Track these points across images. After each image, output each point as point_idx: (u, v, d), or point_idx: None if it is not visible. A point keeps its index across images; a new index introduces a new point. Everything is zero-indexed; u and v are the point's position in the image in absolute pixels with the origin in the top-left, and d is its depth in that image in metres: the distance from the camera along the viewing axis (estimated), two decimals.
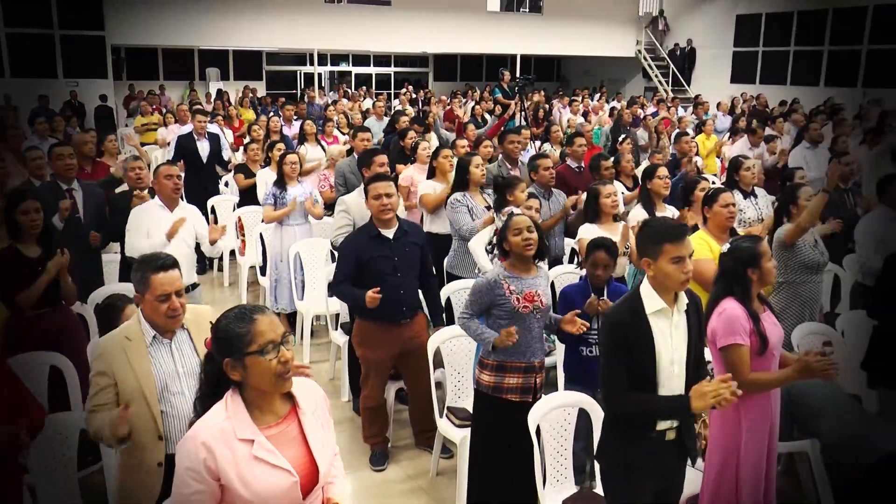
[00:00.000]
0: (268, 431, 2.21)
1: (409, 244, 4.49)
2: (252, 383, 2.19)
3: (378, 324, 4.40)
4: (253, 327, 2.16)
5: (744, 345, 3.13)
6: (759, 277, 3.25)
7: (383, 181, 4.47)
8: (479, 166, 5.53)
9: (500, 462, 3.66)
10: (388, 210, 4.39)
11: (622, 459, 2.91)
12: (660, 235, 2.80)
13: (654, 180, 5.40)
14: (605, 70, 25.26)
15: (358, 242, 4.45)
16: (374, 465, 4.58)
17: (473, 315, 3.73)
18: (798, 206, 4.76)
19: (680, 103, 17.13)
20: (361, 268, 4.36)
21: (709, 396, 2.65)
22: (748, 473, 3.20)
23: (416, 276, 4.55)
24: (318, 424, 2.33)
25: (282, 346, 2.18)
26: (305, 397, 2.33)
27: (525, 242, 3.63)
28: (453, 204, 5.36)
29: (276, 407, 2.26)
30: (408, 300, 4.46)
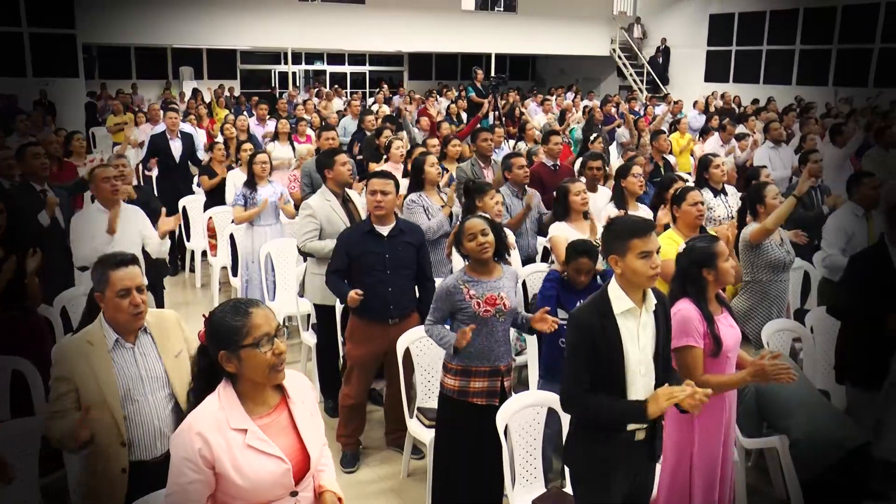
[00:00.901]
0: (260, 421, 2.27)
1: (404, 244, 4.45)
2: (246, 375, 2.25)
3: (365, 321, 4.38)
4: (248, 320, 2.22)
5: (696, 347, 3.11)
6: (716, 278, 3.22)
7: (381, 178, 4.44)
8: (434, 165, 5.49)
9: (466, 464, 3.64)
10: (381, 207, 4.36)
11: (590, 459, 2.89)
12: (626, 231, 2.78)
13: (629, 178, 5.40)
14: (580, 69, 25.35)
15: (352, 236, 4.45)
16: (344, 467, 4.54)
17: (437, 321, 3.71)
18: (765, 205, 4.77)
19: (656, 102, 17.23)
20: (352, 262, 4.36)
21: (662, 400, 2.65)
22: (701, 475, 3.20)
23: (410, 276, 4.50)
24: (308, 414, 2.39)
25: (276, 338, 2.25)
26: (295, 388, 2.39)
27: (480, 247, 3.60)
28: (409, 205, 5.31)
29: (268, 397, 2.33)
30: (396, 299, 4.41)
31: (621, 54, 23.24)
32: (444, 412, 3.75)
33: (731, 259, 3.35)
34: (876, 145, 8.54)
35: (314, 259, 5.05)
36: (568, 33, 22.48)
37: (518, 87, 22.08)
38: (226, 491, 2.22)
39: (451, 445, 3.70)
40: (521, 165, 5.70)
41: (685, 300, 3.20)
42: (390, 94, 18.60)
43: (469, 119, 11.89)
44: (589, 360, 2.78)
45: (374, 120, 9.60)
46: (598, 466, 2.87)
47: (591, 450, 2.86)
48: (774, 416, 4.06)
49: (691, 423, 3.17)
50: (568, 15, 22.31)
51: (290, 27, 18.89)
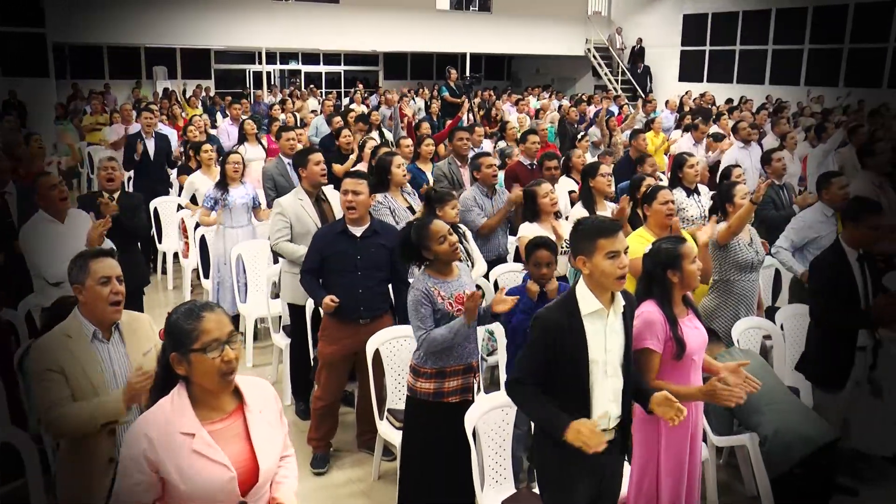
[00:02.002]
0: (211, 426, 2.23)
1: (377, 245, 4.41)
2: (196, 379, 2.22)
3: (337, 321, 4.35)
4: (199, 324, 2.19)
5: (654, 350, 3.09)
6: (681, 280, 3.19)
7: (354, 178, 4.41)
8: (401, 167, 5.45)
9: (437, 466, 3.62)
10: (353, 207, 4.33)
11: (556, 460, 2.87)
12: (593, 232, 2.76)
13: (597, 178, 5.40)
14: (555, 69, 25.43)
15: (325, 235, 4.42)
16: (314, 468, 4.51)
17: (430, 327, 3.59)
18: (734, 205, 4.79)
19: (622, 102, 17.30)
20: (323, 261, 4.33)
21: (578, 439, 2.61)
22: (669, 474, 3.19)
23: (382, 278, 4.46)
24: (266, 423, 2.34)
25: (227, 345, 2.20)
26: (254, 395, 2.35)
27: (452, 248, 3.60)
28: (376, 206, 5.27)
29: (223, 403, 2.29)
30: (367, 301, 4.37)
31: (596, 54, 23.34)
32: (415, 416, 3.71)
33: (698, 261, 3.32)
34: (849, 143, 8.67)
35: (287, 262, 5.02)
36: (543, 33, 22.53)
37: (494, 87, 22.12)
38: (171, 495, 2.19)
39: (424, 448, 3.67)
40: (489, 165, 5.66)
41: (650, 302, 3.18)
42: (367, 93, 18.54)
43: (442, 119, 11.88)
44: (547, 357, 2.76)
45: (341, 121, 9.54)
46: (565, 467, 2.85)
47: (556, 450, 2.82)
48: (744, 414, 4.07)
49: (657, 423, 3.16)
50: (542, 15, 22.37)
51: (264, 27, 18.77)
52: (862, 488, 4.43)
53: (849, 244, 4.20)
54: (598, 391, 2.79)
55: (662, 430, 3.17)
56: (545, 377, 2.79)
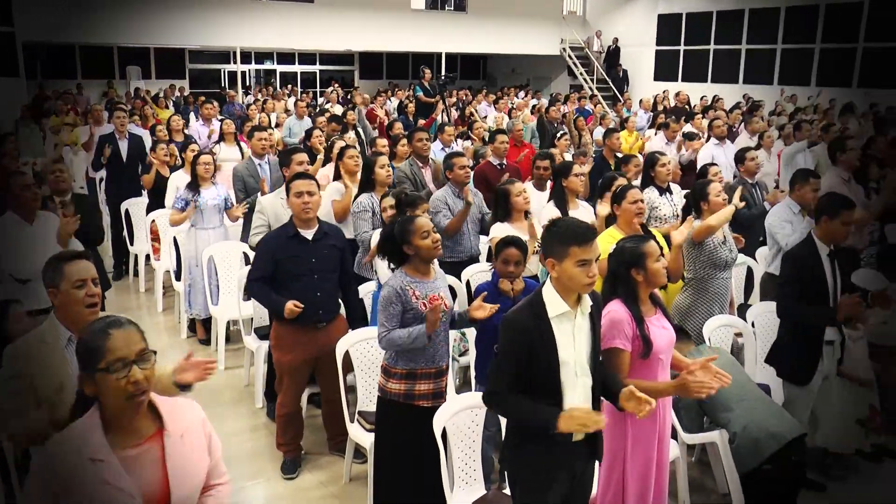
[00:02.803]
0: (125, 452, 2.10)
1: (329, 246, 4.39)
2: (104, 401, 2.10)
3: (294, 327, 4.28)
4: (106, 342, 2.08)
5: (623, 349, 3.09)
6: (645, 278, 3.18)
7: (305, 179, 4.37)
8: (385, 167, 5.43)
9: (409, 468, 3.59)
10: (309, 209, 4.29)
11: (526, 460, 2.86)
12: (567, 237, 2.72)
13: (570, 178, 5.41)
14: (531, 68, 25.49)
15: (276, 241, 4.34)
16: (285, 473, 4.48)
17: (393, 327, 3.56)
18: (709, 202, 4.81)
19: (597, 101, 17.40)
20: (277, 267, 4.25)
21: (574, 423, 2.62)
22: (635, 475, 3.18)
23: (336, 279, 4.44)
24: (188, 449, 2.21)
25: (136, 364, 2.09)
26: (176, 419, 2.22)
27: (435, 244, 3.57)
28: (357, 207, 5.25)
29: (139, 427, 2.16)
30: (324, 303, 4.35)
31: (572, 54, 23.42)
32: (386, 417, 3.68)
33: (663, 259, 3.31)
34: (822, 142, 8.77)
35: None
36: (518, 32, 22.57)
37: (469, 87, 22.12)
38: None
39: (394, 449, 3.64)
40: (462, 166, 5.63)
41: (616, 301, 3.18)
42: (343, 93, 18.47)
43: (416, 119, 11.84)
44: (520, 362, 2.74)
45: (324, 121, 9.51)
46: (535, 468, 2.84)
47: (527, 451, 2.83)
48: (714, 411, 4.10)
49: (624, 423, 3.16)
50: (518, 14, 22.39)
51: (238, 26, 18.63)
52: (830, 483, 4.49)
53: (821, 239, 4.23)
54: (570, 392, 2.77)
55: (629, 429, 3.16)
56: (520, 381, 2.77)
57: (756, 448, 3.84)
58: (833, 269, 4.22)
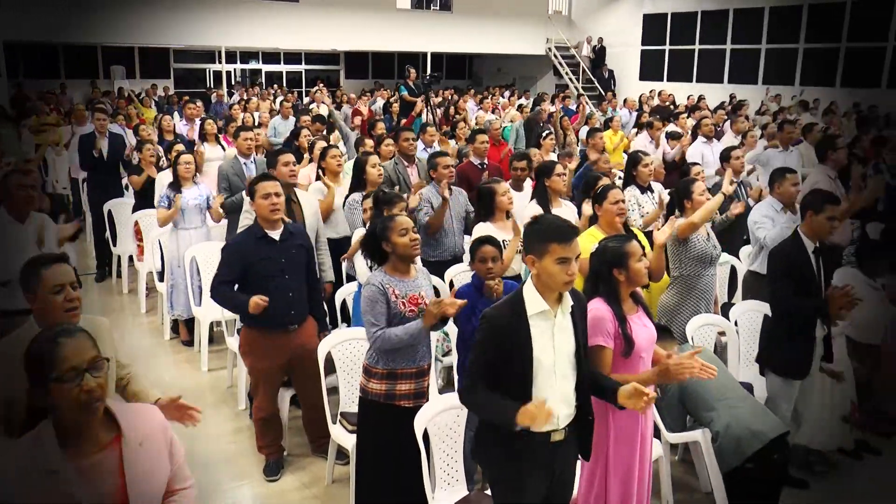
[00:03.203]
0: (81, 462, 2.06)
1: (296, 246, 4.37)
2: (58, 411, 2.05)
3: (265, 331, 4.24)
4: (56, 351, 2.04)
5: (606, 347, 3.09)
6: (627, 278, 3.19)
7: (270, 180, 4.34)
8: (376, 166, 5.41)
9: (391, 469, 3.57)
10: (277, 209, 4.26)
11: (502, 459, 2.85)
12: (547, 234, 2.72)
13: (553, 178, 5.41)
14: (517, 68, 25.53)
15: (243, 244, 4.29)
16: (267, 476, 4.45)
17: (385, 325, 3.52)
18: (692, 200, 4.83)
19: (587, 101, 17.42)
20: (247, 271, 4.21)
21: (526, 417, 2.59)
22: (617, 473, 3.18)
23: (305, 279, 4.43)
24: (147, 456, 2.16)
25: (88, 373, 2.04)
26: (134, 426, 2.17)
27: (413, 242, 3.55)
28: (351, 205, 5.23)
29: (96, 435, 2.11)
30: (296, 304, 4.32)
31: (557, 53, 23.45)
32: (368, 417, 3.66)
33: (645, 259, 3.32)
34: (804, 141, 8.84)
35: None
36: (503, 32, 22.60)
37: (455, 86, 22.12)
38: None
39: (376, 450, 3.62)
40: (446, 165, 5.63)
41: (598, 299, 3.18)
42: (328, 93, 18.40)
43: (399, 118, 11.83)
44: (495, 359, 2.74)
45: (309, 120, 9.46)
46: (511, 466, 2.83)
47: (502, 450, 2.81)
48: (697, 410, 4.11)
49: (607, 421, 3.16)
50: (503, 14, 22.43)
51: (223, 25, 18.57)
52: (812, 481, 4.51)
53: (807, 235, 4.26)
54: (547, 392, 2.76)
55: (612, 427, 3.16)
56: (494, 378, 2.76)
57: (738, 447, 3.85)
58: (818, 264, 4.25)
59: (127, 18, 17.40)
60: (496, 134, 9.06)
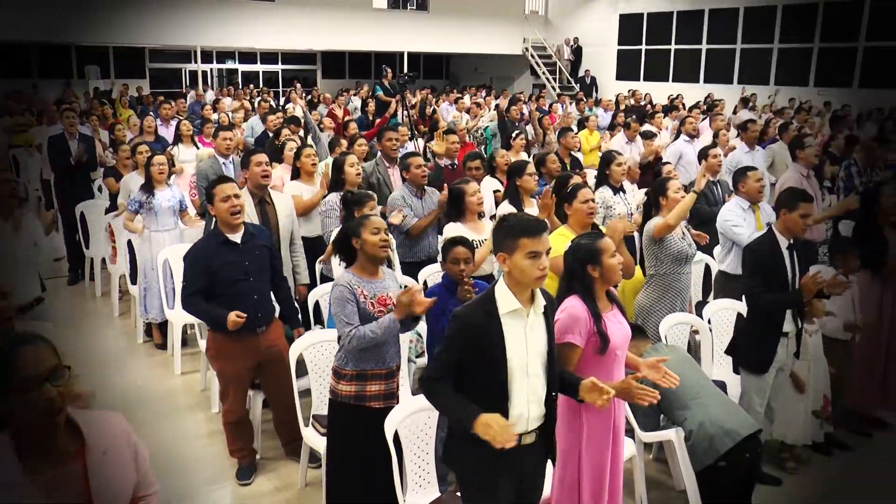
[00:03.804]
0: (43, 475, 1.98)
1: (259, 247, 4.31)
2: (17, 423, 1.98)
3: (232, 334, 4.17)
4: (15, 360, 1.95)
5: (576, 345, 3.09)
6: (601, 274, 3.19)
7: (228, 182, 4.30)
8: (354, 166, 5.37)
9: (362, 471, 3.55)
10: (238, 212, 4.22)
11: (471, 461, 2.83)
12: (517, 230, 2.72)
13: (524, 177, 5.41)
14: (494, 68, 25.59)
15: (206, 250, 4.19)
16: (240, 480, 4.40)
17: (358, 323, 3.49)
18: (667, 199, 4.84)
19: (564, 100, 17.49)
20: (212, 276, 4.13)
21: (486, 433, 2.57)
22: (590, 473, 3.17)
23: (269, 280, 4.38)
24: (111, 464, 2.10)
25: (49, 382, 1.96)
26: (98, 434, 2.10)
27: (383, 242, 3.54)
28: (327, 206, 5.19)
29: (58, 446, 2.03)
30: (262, 306, 4.29)
31: (534, 53, 23.50)
32: (338, 419, 3.64)
33: (619, 255, 3.33)
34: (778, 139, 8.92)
35: None
36: (480, 32, 22.63)
37: (432, 86, 22.11)
38: None
39: (347, 452, 3.60)
40: (418, 165, 5.61)
41: (574, 297, 3.18)
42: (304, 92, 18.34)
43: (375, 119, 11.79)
44: (461, 356, 2.74)
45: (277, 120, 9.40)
46: (481, 468, 2.82)
47: (472, 452, 2.78)
48: (670, 410, 4.11)
49: (579, 421, 3.15)
50: (479, 14, 22.45)
51: (199, 25, 18.46)
52: (785, 477, 4.55)
53: (781, 232, 4.31)
54: (517, 392, 2.75)
55: (584, 425, 3.16)
56: (461, 375, 2.76)
57: (711, 445, 3.85)
58: (792, 261, 4.30)
59: (101, 17, 17.21)
60: (462, 135, 9.05)
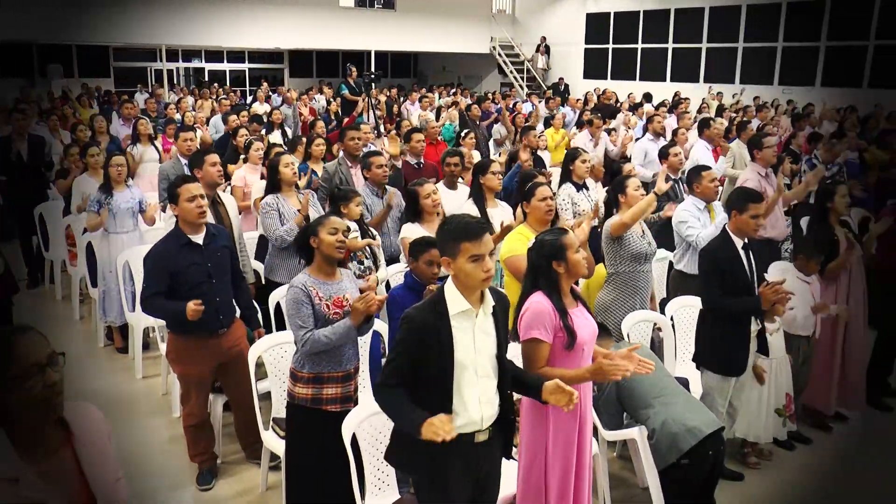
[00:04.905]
0: (38, 467, 1.99)
1: (220, 248, 4.26)
2: (13, 416, 1.98)
3: (194, 337, 4.12)
4: (14, 349, 1.97)
5: (542, 340, 3.07)
6: (566, 270, 3.19)
7: (193, 182, 4.24)
8: (289, 166, 5.27)
9: (320, 474, 3.52)
10: (204, 212, 4.15)
11: (428, 462, 2.81)
12: (457, 233, 2.72)
13: (487, 175, 5.39)
14: (462, 66, 25.60)
15: (168, 251, 4.11)
16: (200, 485, 4.34)
17: (313, 327, 3.46)
18: (627, 196, 4.84)
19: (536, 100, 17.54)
20: (173, 278, 4.06)
21: (429, 431, 2.57)
22: (556, 470, 3.16)
23: (230, 281, 4.33)
24: (97, 452, 2.13)
25: (49, 368, 1.98)
26: (82, 424, 2.13)
27: (339, 243, 3.51)
28: (264, 207, 5.11)
29: (48, 439, 2.05)
30: (224, 308, 4.23)
31: (501, 52, 23.55)
32: (295, 422, 3.61)
33: (583, 250, 3.32)
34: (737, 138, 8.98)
35: None
36: (447, 31, 22.63)
37: (399, 85, 22.05)
38: None
39: (305, 455, 3.56)
40: (379, 164, 5.57)
41: (539, 293, 3.16)
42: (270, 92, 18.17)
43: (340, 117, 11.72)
44: (413, 358, 2.72)
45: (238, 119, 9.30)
46: (436, 468, 2.80)
47: (426, 452, 2.75)
48: (634, 408, 4.12)
49: (545, 419, 3.14)
50: (447, 13, 22.44)
51: (164, 23, 18.18)
52: (747, 473, 4.60)
53: (734, 233, 4.31)
54: (468, 392, 2.75)
55: (550, 424, 3.14)
56: (412, 378, 2.74)
57: (674, 443, 3.86)
58: (749, 261, 4.30)
59: (63, 15, 16.82)
60: (434, 133, 9.03)
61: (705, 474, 3.99)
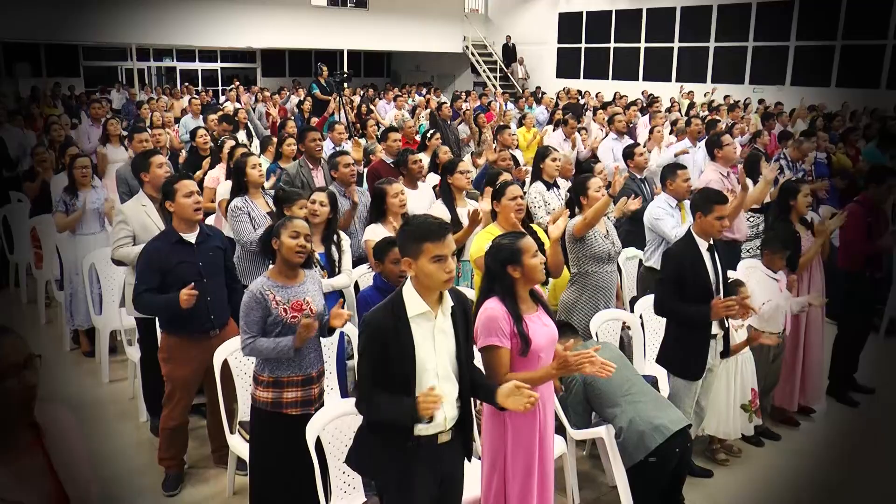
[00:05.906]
0: (7, 468, 1.96)
1: (213, 248, 4.21)
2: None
3: (186, 337, 4.09)
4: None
5: (501, 347, 3.02)
6: (523, 274, 3.12)
7: (189, 179, 4.19)
8: (257, 167, 5.21)
9: (284, 478, 3.48)
10: (200, 210, 4.12)
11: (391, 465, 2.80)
12: (419, 234, 2.70)
13: (456, 175, 5.38)
14: (435, 66, 25.61)
15: (160, 249, 4.08)
16: (166, 491, 4.28)
17: (257, 334, 3.45)
18: (588, 197, 4.84)
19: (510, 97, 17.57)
20: (165, 276, 4.03)
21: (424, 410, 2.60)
22: (516, 474, 3.13)
23: (223, 281, 4.28)
24: (69, 448, 2.12)
25: (26, 370, 1.96)
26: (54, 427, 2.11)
27: (299, 248, 3.47)
28: (233, 211, 5.03)
29: (18, 438, 2.02)
30: (216, 308, 4.18)
31: (475, 51, 23.57)
32: (257, 426, 3.57)
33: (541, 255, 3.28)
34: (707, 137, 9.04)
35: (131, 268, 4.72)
36: (420, 30, 22.62)
37: (373, 84, 21.99)
38: None
39: (268, 459, 3.53)
40: (346, 164, 5.52)
41: (493, 299, 3.11)
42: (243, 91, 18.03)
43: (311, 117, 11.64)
44: (379, 362, 2.70)
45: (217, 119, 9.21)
46: (399, 471, 2.79)
47: (388, 455, 2.75)
48: (601, 407, 4.13)
49: (504, 422, 3.11)
50: (419, 12, 22.42)
51: (134, 21, 17.96)
52: (716, 469, 4.63)
53: (699, 234, 4.31)
54: None
55: (509, 427, 3.11)
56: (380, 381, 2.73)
57: (641, 441, 3.87)
58: (714, 263, 4.31)
59: (31, 13, 16.52)
60: (410, 133, 9.00)
61: (673, 471, 4.01)
